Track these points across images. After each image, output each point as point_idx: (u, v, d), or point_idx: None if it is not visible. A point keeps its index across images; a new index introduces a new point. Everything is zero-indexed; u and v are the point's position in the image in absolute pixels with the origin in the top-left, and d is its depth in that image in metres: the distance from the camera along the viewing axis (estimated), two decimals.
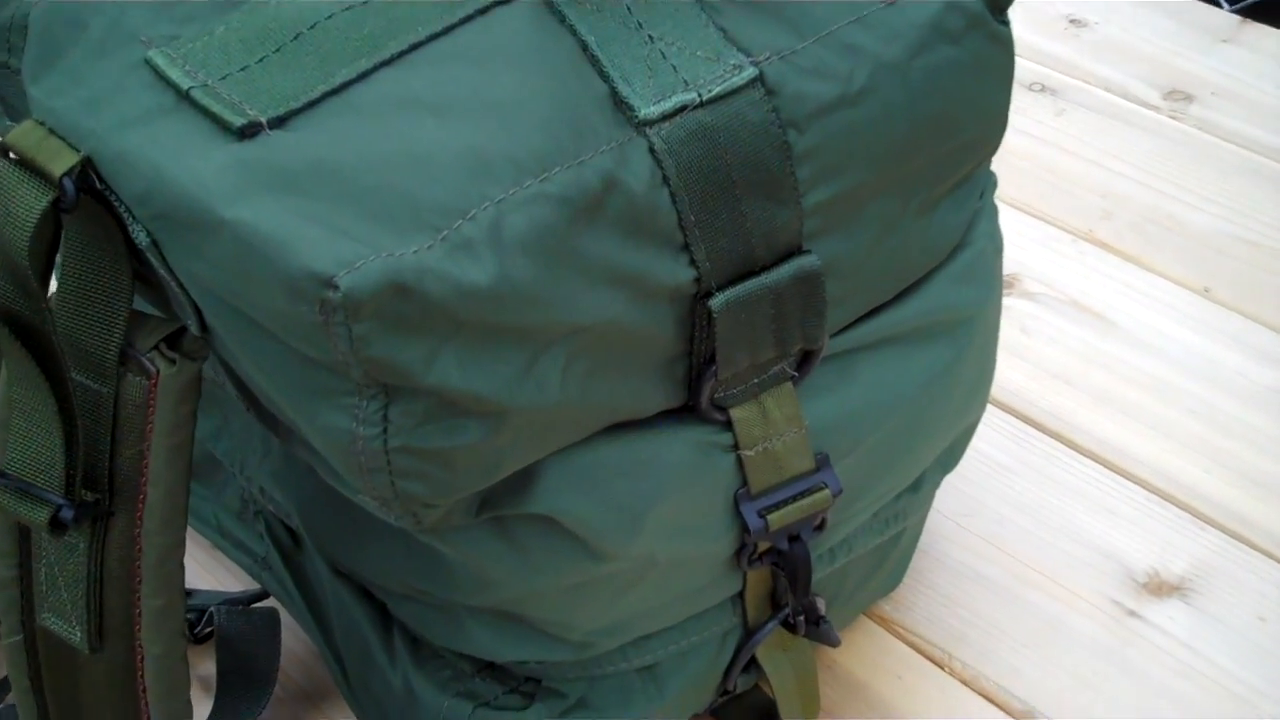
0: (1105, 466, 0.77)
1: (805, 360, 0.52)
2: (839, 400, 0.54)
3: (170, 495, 0.48)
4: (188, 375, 0.47)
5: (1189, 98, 1.02)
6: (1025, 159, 0.97)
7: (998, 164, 0.72)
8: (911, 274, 0.55)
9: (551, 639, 0.54)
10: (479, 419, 0.44)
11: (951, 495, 0.76)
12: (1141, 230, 0.92)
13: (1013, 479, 0.77)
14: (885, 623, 0.70)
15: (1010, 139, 0.90)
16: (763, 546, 0.55)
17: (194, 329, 0.47)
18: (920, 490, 0.63)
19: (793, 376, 0.52)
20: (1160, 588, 0.71)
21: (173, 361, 0.47)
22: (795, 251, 0.49)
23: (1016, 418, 0.81)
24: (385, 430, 0.44)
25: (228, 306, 0.44)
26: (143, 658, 0.50)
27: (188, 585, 0.67)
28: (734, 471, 0.52)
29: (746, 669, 0.61)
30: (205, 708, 0.66)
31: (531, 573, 0.51)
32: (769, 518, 0.54)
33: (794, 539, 0.55)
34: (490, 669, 0.58)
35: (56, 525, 0.47)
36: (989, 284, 0.59)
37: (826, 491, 0.54)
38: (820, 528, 0.56)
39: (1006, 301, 0.88)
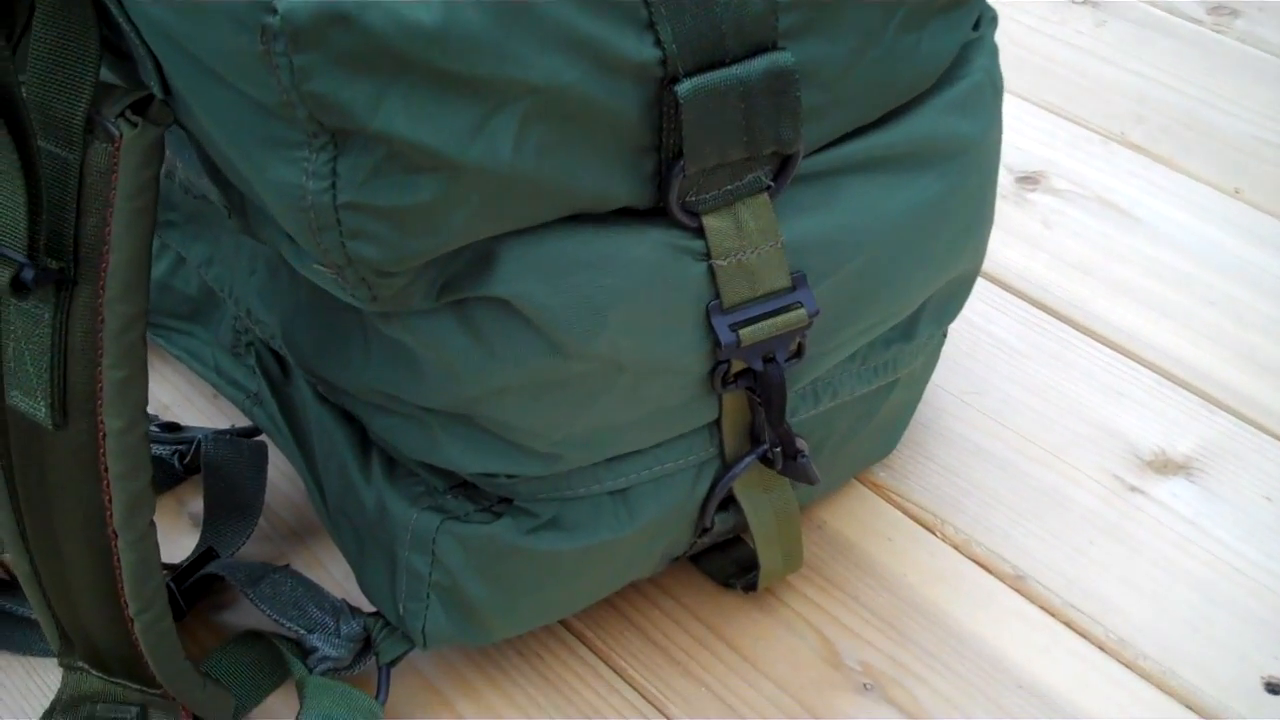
0: (1118, 352, 0.76)
1: (782, 169, 0.51)
2: (819, 220, 0.53)
3: (132, 262, 0.48)
4: (150, 138, 0.47)
5: (1234, 13, 0.99)
6: (1061, 65, 0.95)
7: (1032, 68, 0.71)
8: (897, 95, 0.54)
9: (520, 450, 0.54)
10: (429, 175, 0.44)
11: (958, 373, 0.75)
12: (1174, 134, 0.90)
13: (1023, 361, 0.76)
14: (878, 488, 0.69)
15: (1047, 46, 0.89)
16: (737, 367, 0.54)
17: (157, 91, 0.47)
18: (913, 340, 0.62)
19: (768, 187, 0.51)
20: (1165, 466, 0.69)
21: (135, 125, 0.47)
22: (769, 47, 0.48)
23: (1031, 304, 0.79)
24: (334, 184, 0.44)
25: (184, 54, 0.44)
26: (104, 434, 0.50)
27: (185, 427, 0.68)
28: (705, 282, 0.52)
29: (725, 508, 0.60)
30: (193, 541, 0.66)
31: (495, 366, 0.50)
32: (741, 333, 0.53)
33: (769, 360, 0.54)
34: (463, 487, 0.57)
35: (18, 286, 0.47)
36: (985, 120, 0.58)
37: (802, 311, 0.53)
38: (799, 355, 0.55)
39: (1031, 197, 0.86)
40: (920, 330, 0.62)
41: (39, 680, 0.62)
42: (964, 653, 0.62)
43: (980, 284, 0.80)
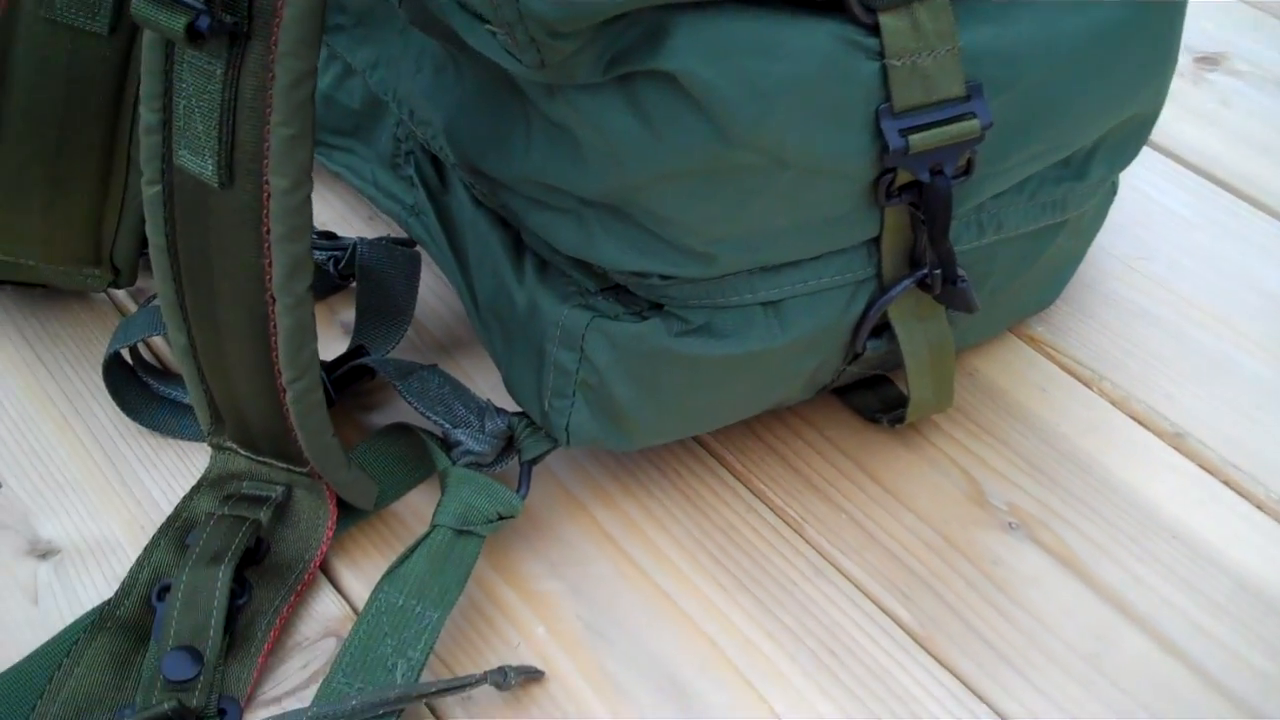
0: None
1: None
2: (999, 31, 0.52)
3: (306, 16, 0.48)
4: None
5: None
6: None
7: None
8: None
9: (676, 249, 0.53)
10: None
11: (1124, 239, 0.72)
12: None
13: (1192, 231, 0.73)
14: (1034, 341, 0.68)
15: None
16: (902, 179, 0.53)
17: None
18: (1084, 180, 0.60)
19: None
20: None
21: None
22: None
23: (1204, 177, 0.76)
24: None
25: None
26: (269, 194, 0.50)
27: (342, 237, 0.68)
28: (877, 82, 0.50)
29: (878, 335, 0.58)
30: (344, 348, 0.66)
31: (659, 149, 0.50)
32: (910, 139, 0.51)
33: (936, 172, 0.53)
34: (614, 290, 0.57)
35: (193, 35, 0.48)
36: None
37: (975, 122, 0.52)
38: (967, 172, 0.54)
39: (1210, 76, 0.83)
40: (1093, 170, 0.60)
41: (189, 462, 0.63)
42: (1116, 501, 0.60)
43: (1152, 156, 0.78)
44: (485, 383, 0.66)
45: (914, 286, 0.57)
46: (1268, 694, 0.53)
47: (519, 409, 0.60)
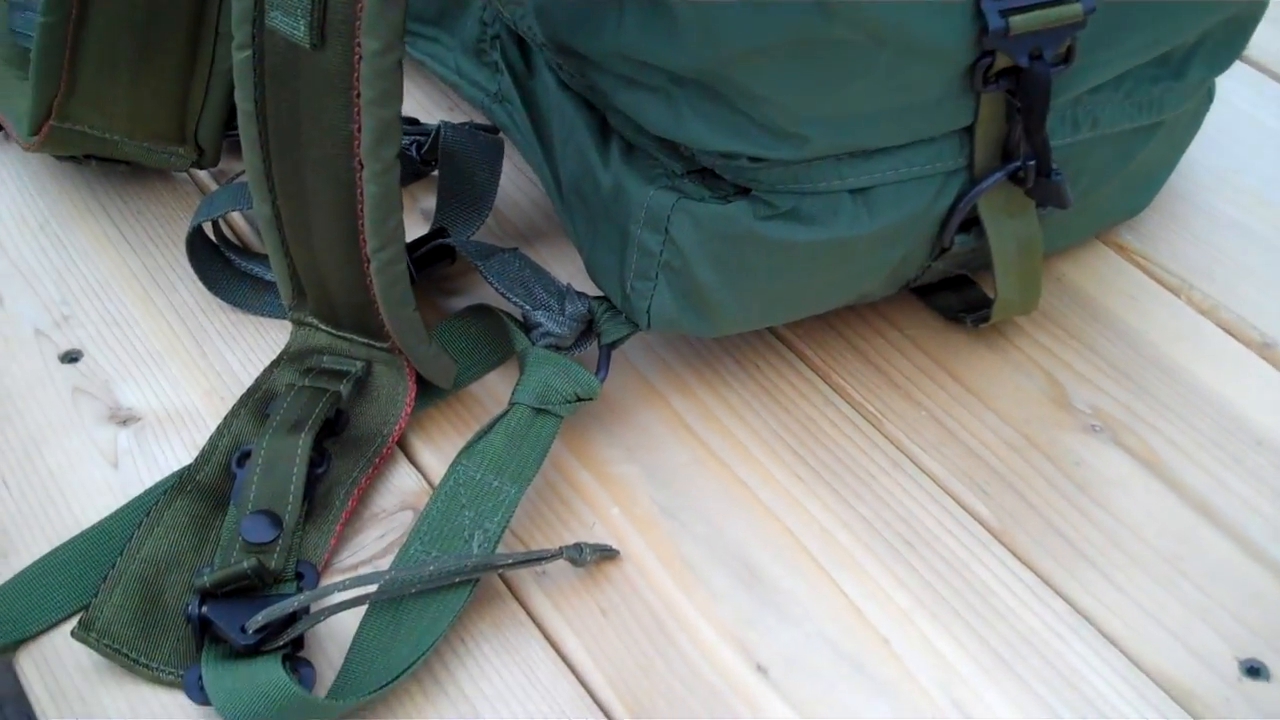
0: None
1: None
2: None
3: None
4: None
5: None
6: None
7: None
8: None
9: (766, 130, 0.52)
10: None
11: (1218, 152, 0.71)
12: None
13: None
14: (1122, 249, 0.66)
15: None
16: (1001, 64, 0.52)
17: None
18: (1182, 79, 0.58)
19: None
20: None
21: None
22: None
23: None
24: None
25: None
26: (360, 57, 0.50)
27: (424, 123, 0.68)
28: None
29: (966, 229, 0.58)
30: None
31: (758, 21, 0.49)
32: (1011, 20, 0.50)
33: (1035, 58, 0.52)
34: (701, 174, 0.56)
35: None
36: None
37: (1078, 5, 0.51)
38: (1067, 60, 0.53)
39: None
40: (1191, 71, 0.58)
41: (268, 338, 0.63)
42: (1202, 408, 0.59)
43: (1246, 71, 0.76)
44: (564, 272, 0.65)
45: (1006, 180, 0.56)
46: None
47: (599, 293, 0.60)
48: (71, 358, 0.63)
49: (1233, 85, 0.75)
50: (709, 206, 0.55)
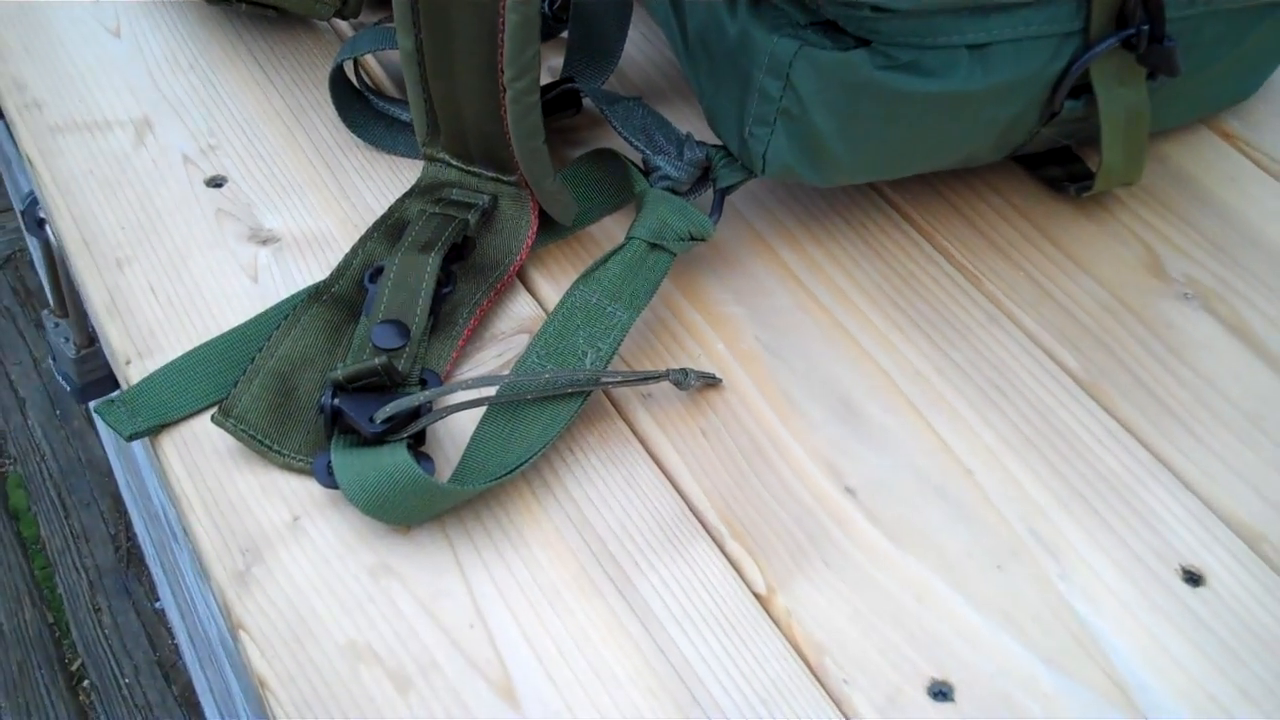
0: None
1: None
2: None
3: None
4: None
5: None
6: None
7: None
8: None
9: None
10: None
11: None
12: None
13: None
14: (1229, 137, 0.68)
15: None
16: None
17: None
18: None
19: None
20: None
21: None
22: None
23: None
24: None
25: None
26: None
27: None
28: None
29: (1076, 96, 0.60)
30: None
31: None
32: None
33: None
34: (824, 25, 0.58)
35: None
36: None
37: None
38: None
39: None
40: None
41: (402, 176, 0.67)
42: None
43: None
44: (682, 126, 0.68)
45: (1119, 46, 0.58)
46: None
47: (716, 143, 0.63)
48: (216, 183, 0.67)
49: None
50: (831, 54, 0.57)
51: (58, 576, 1.61)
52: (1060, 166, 0.65)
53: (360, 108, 0.69)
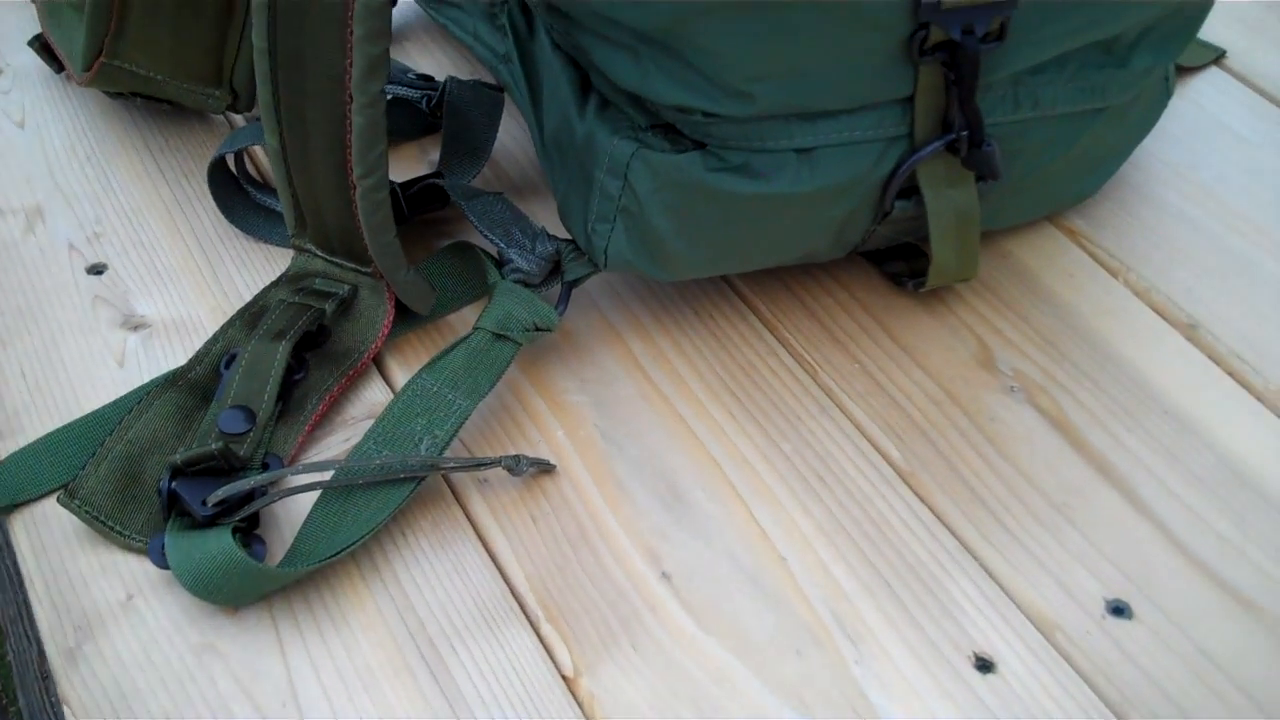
0: None
1: None
2: None
3: None
4: None
5: None
6: None
7: None
8: None
9: (718, 86, 0.57)
10: None
11: (1178, 149, 0.75)
12: None
13: (1251, 150, 0.75)
14: (1070, 232, 0.70)
15: None
16: (935, 37, 0.57)
17: None
18: (1126, 67, 0.62)
19: None
20: None
21: None
22: None
23: (1273, 103, 0.78)
24: None
25: None
26: None
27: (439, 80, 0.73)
28: None
29: (907, 196, 0.62)
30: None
31: None
32: None
33: (967, 32, 0.56)
34: (663, 128, 0.61)
35: None
36: None
37: None
38: (1001, 37, 0.57)
39: None
40: (1136, 59, 0.62)
41: (276, 265, 0.70)
42: (1118, 377, 0.63)
43: (1223, 78, 0.80)
44: (545, 219, 0.71)
45: (944, 150, 0.60)
46: (1225, 556, 0.56)
47: (569, 237, 0.65)
48: (97, 270, 0.69)
49: (1204, 89, 0.78)
50: (664, 156, 0.60)
51: (8, 644, 1.62)
52: (904, 261, 0.68)
53: (239, 199, 0.72)
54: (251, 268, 0.70)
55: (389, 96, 0.76)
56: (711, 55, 0.56)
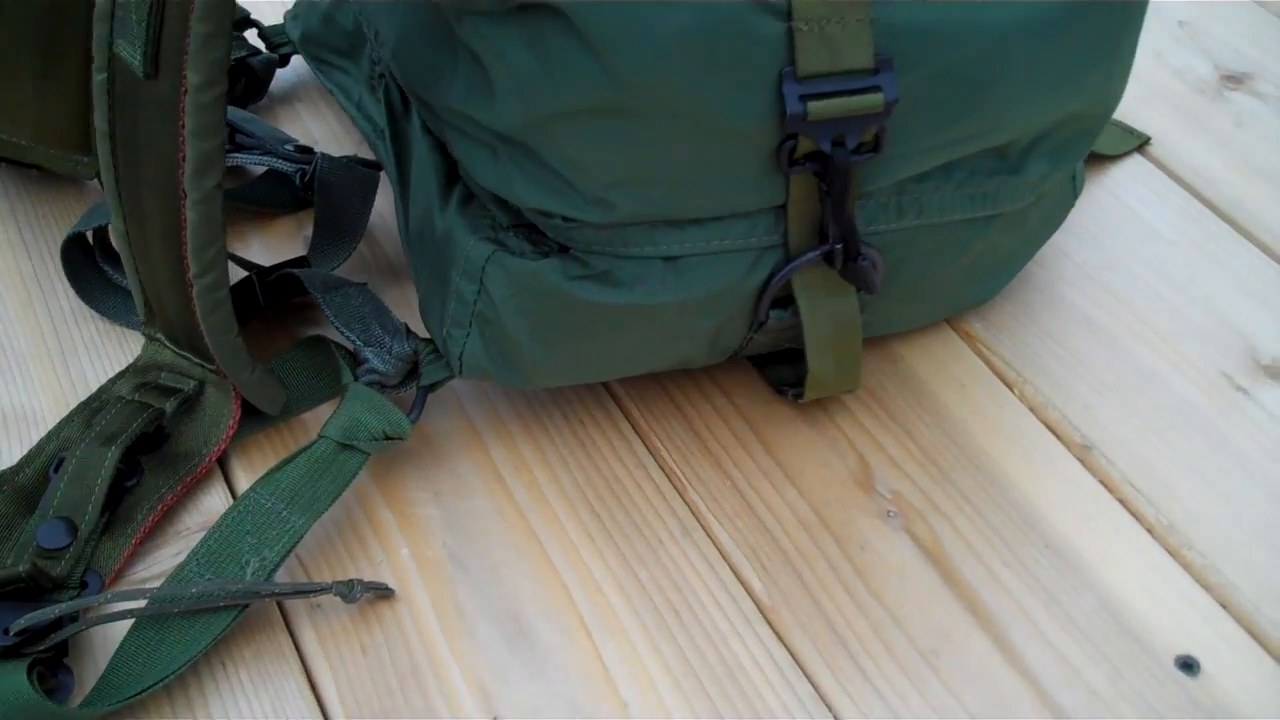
0: (1275, 259, 0.70)
1: None
2: (922, 7, 0.51)
3: None
4: None
5: None
6: None
7: None
8: None
9: (576, 191, 0.54)
10: None
11: (1089, 247, 0.71)
12: None
13: (1166, 249, 0.71)
14: (968, 336, 0.67)
15: None
16: (805, 147, 0.53)
17: None
18: (1019, 174, 0.59)
19: None
20: None
21: None
22: None
23: (1195, 196, 0.74)
24: None
25: None
26: (185, 90, 0.52)
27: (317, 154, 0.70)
28: (782, 44, 0.51)
29: (784, 305, 0.59)
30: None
31: (553, 86, 0.51)
32: (810, 105, 0.51)
33: (838, 144, 0.53)
34: (525, 228, 0.58)
35: None
36: None
37: (879, 96, 0.52)
38: (876, 148, 0.54)
39: (1230, 95, 0.80)
40: (1030, 166, 0.59)
41: (130, 352, 0.66)
42: (1001, 504, 0.59)
43: (1145, 168, 0.76)
44: (414, 309, 0.67)
45: (820, 260, 0.57)
46: (1094, 713, 0.52)
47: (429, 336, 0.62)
48: None
49: (1123, 180, 0.75)
50: (521, 261, 0.56)
51: None
52: (790, 366, 0.64)
53: (96, 278, 0.68)
54: (105, 354, 0.66)
55: (263, 169, 0.73)
56: (568, 160, 0.53)
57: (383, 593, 0.56)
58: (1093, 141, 0.61)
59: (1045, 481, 0.60)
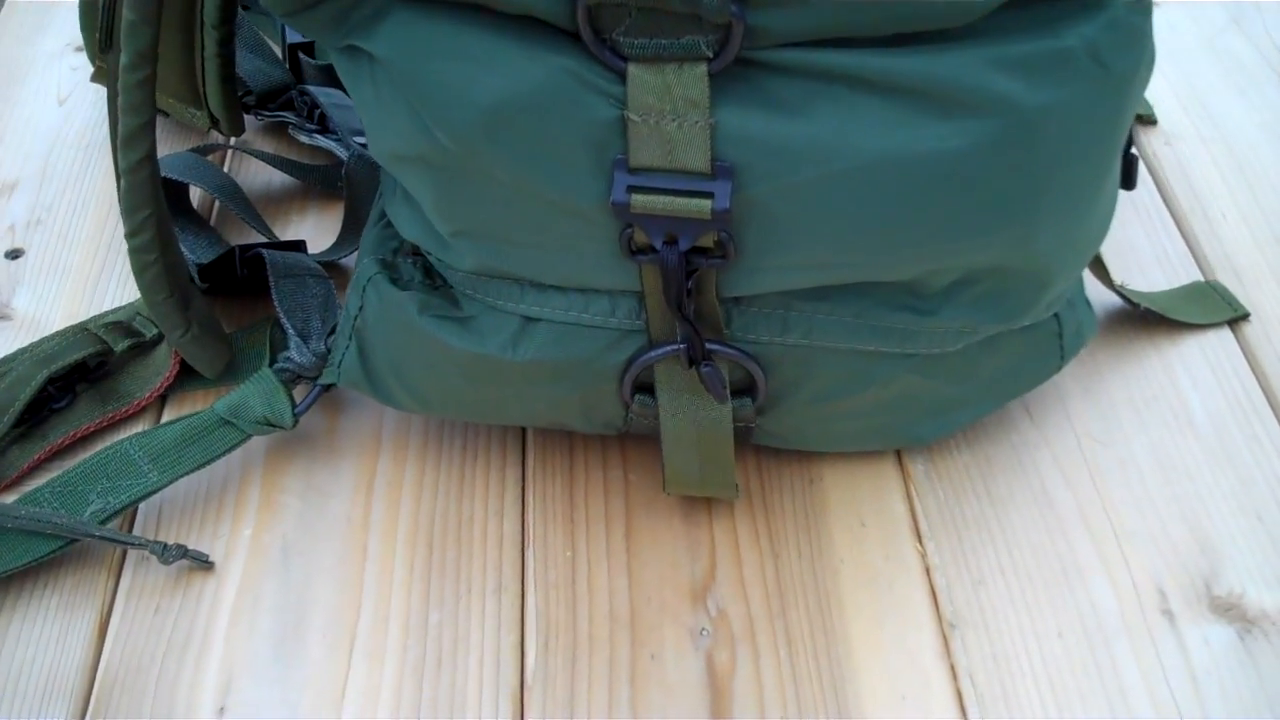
0: None
1: (724, 45, 0.47)
2: (783, 121, 0.48)
3: None
4: None
5: None
6: None
7: None
8: (916, 16, 0.47)
9: (432, 230, 0.55)
10: None
11: (1103, 418, 0.64)
12: None
13: (1189, 441, 0.63)
14: (905, 475, 0.62)
15: None
16: (640, 240, 0.51)
17: None
18: (933, 317, 0.54)
19: (707, 59, 0.47)
20: (1227, 610, 0.56)
21: None
22: None
23: (1264, 392, 0.65)
24: None
25: None
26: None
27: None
28: (615, 131, 0.49)
29: (649, 393, 0.56)
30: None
31: (386, 126, 0.52)
32: (634, 197, 0.49)
33: (670, 242, 0.51)
34: (422, 257, 0.58)
35: None
36: (1064, 93, 0.48)
37: (707, 203, 0.49)
38: (724, 255, 0.51)
39: None
40: (945, 312, 0.54)
41: None
42: (821, 657, 0.55)
43: (1223, 342, 0.67)
44: None
45: (683, 358, 0.54)
46: None
47: None
48: (14, 255, 0.75)
49: (1190, 350, 0.66)
50: (391, 289, 0.57)
51: None
52: None
53: None
54: (133, 286, 0.72)
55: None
56: (420, 200, 0.54)
57: (203, 564, 0.59)
58: (1033, 304, 0.55)
59: (883, 648, 0.55)
